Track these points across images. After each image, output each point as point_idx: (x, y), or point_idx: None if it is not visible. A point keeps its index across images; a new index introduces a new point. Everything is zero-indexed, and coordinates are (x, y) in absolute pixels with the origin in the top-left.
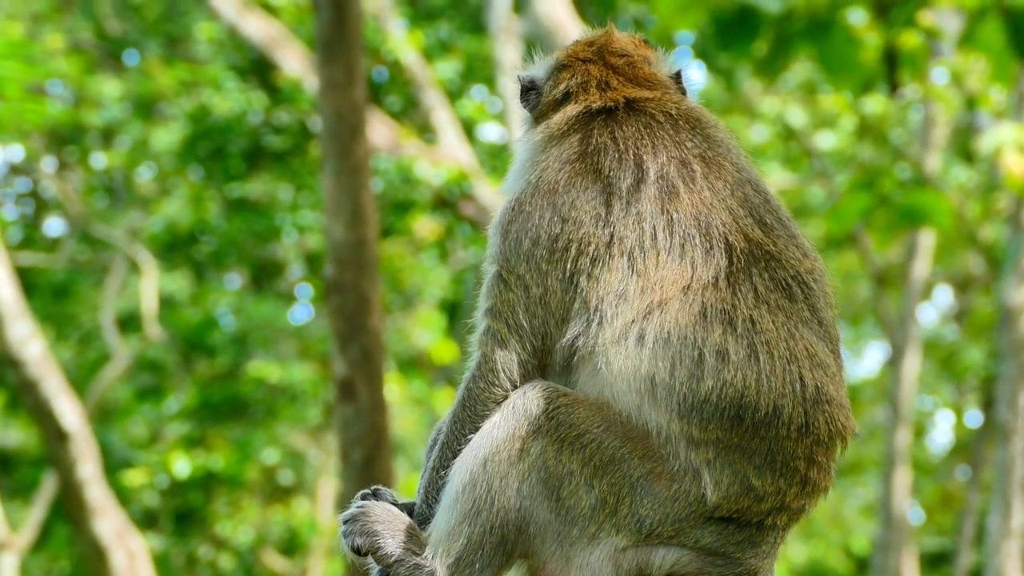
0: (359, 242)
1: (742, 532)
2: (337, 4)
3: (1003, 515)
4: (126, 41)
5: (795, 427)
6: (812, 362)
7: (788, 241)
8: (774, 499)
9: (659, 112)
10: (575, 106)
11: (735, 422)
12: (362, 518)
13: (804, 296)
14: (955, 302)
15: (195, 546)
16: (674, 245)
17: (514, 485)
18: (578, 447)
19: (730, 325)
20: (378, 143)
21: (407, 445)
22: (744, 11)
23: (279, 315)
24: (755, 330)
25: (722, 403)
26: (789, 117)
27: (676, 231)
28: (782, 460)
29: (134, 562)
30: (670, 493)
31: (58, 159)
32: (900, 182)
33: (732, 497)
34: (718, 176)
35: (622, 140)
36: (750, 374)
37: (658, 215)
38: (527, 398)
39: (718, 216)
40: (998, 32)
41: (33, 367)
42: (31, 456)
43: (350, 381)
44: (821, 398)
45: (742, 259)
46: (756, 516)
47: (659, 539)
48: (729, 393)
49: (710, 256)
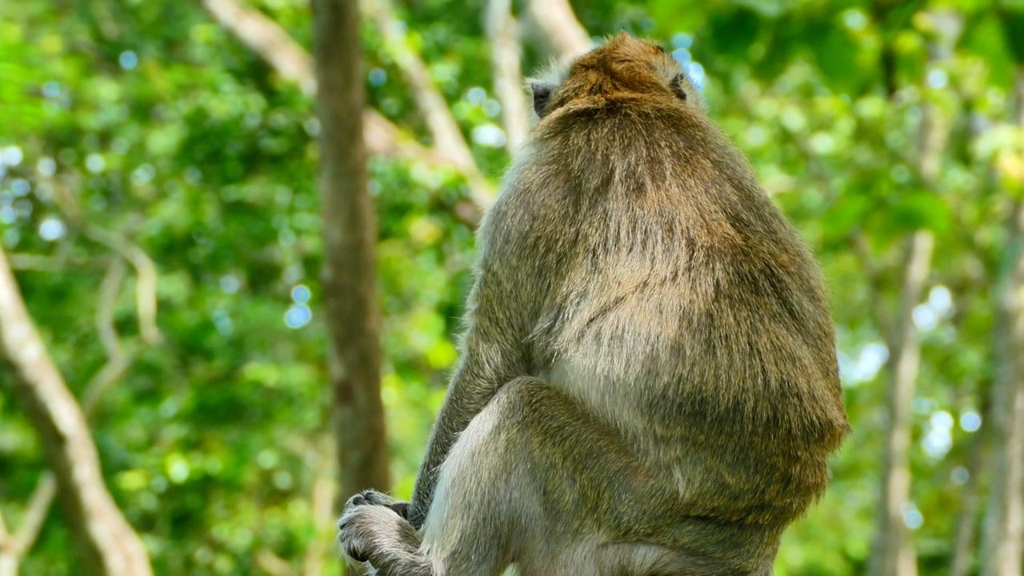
0: (357, 245)
1: (722, 531)
2: (335, 7)
3: (1000, 518)
4: (123, 44)
5: (761, 422)
6: (778, 355)
7: (764, 236)
8: (751, 497)
9: (635, 112)
10: (560, 110)
11: (697, 418)
12: (358, 521)
13: (775, 290)
14: (952, 305)
15: (192, 549)
16: (636, 243)
17: (503, 476)
18: (559, 439)
19: (686, 320)
20: (375, 146)
21: (405, 448)
22: (742, 14)
23: (276, 318)
24: (712, 324)
25: (679, 399)
26: (786, 120)
27: (639, 228)
28: (755, 456)
29: (131, 565)
30: (647, 489)
31: (55, 162)
32: (897, 185)
33: (707, 494)
34: (691, 173)
35: (594, 141)
36: (707, 369)
37: (623, 213)
38: (510, 391)
39: (683, 212)
40: (996, 35)
41: (30, 370)
42: (28, 459)
43: (348, 384)
44: (788, 391)
45: (702, 254)
46: (735, 515)
47: (637, 536)
48: (686, 388)
49: (669, 252)
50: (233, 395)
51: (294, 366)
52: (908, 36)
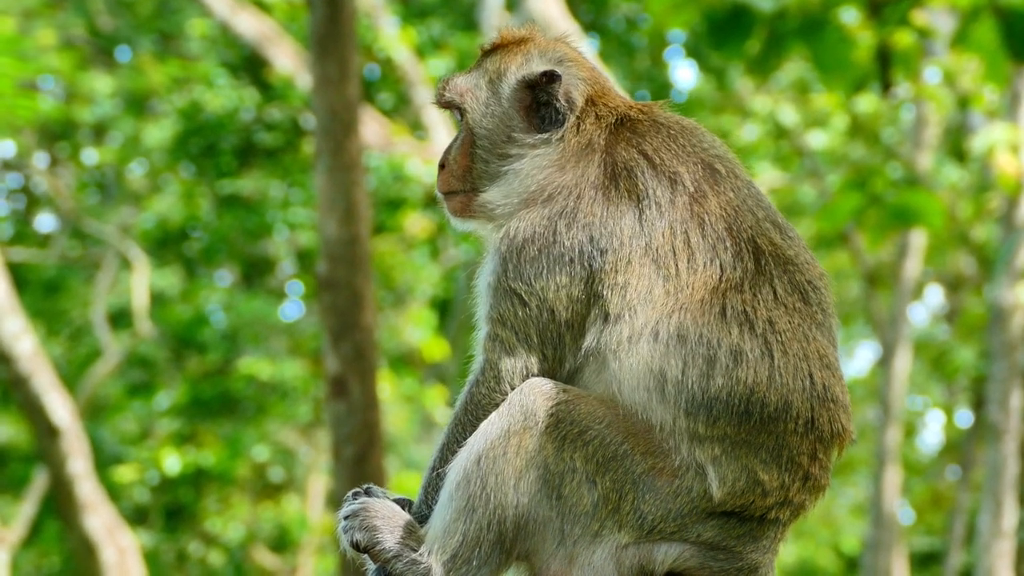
0: (352, 239)
1: (743, 526)
2: (330, 1)
3: (994, 515)
4: (118, 37)
5: (802, 422)
6: (822, 363)
7: (800, 247)
8: (779, 493)
9: (673, 123)
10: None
11: (743, 418)
12: (362, 513)
13: (817, 300)
14: (946, 302)
15: (185, 542)
16: (706, 247)
17: (510, 482)
18: (580, 444)
19: (748, 325)
20: (370, 140)
21: (398, 442)
22: (737, 10)
23: (270, 312)
24: (771, 330)
25: (732, 400)
26: (781, 116)
27: (708, 233)
28: (788, 455)
29: (124, 558)
30: (672, 489)
31: (50, 155)
32: (892, 182)
33: (738, 492)
34: (733, 182)
35: (651, 151)
36: (762, 370)
37: (689, 220)
38: (524, 394)
39: (743, 219)
40: (991, 32)
41: (24, 363)
42: (22, 452)
43: (342, 378)
44: (828, 397)
45: (763, 261)
46: (760, 510)
47: (660, 535)
48: (739, 390)
49: (739, 259)
50: (227, 389)
51: (288, 360)
52: (903, 32)
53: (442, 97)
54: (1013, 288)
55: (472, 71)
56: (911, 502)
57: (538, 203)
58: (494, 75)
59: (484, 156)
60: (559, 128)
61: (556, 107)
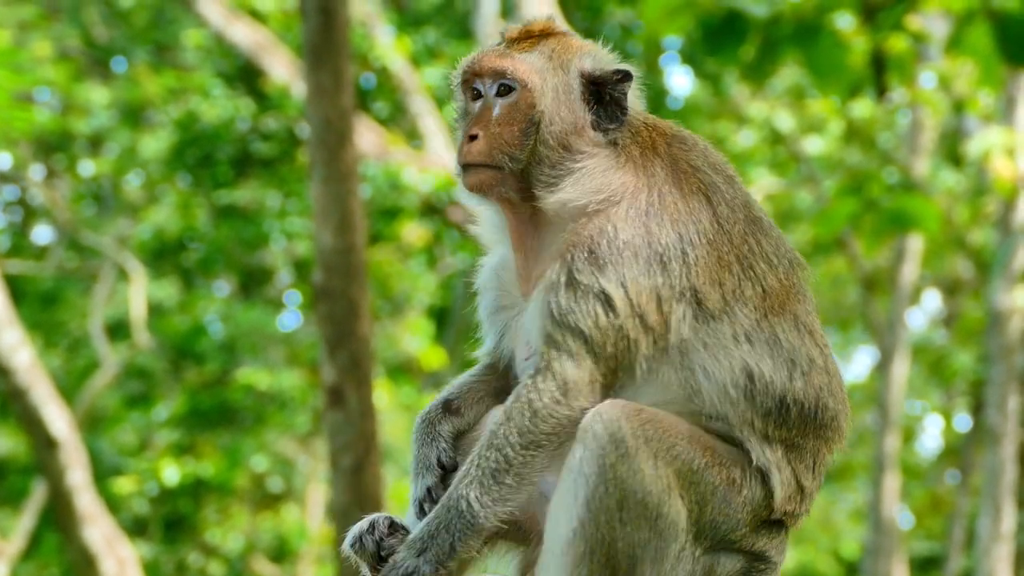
0: (348, 248)
1: (780, 533)
2: (324, 10)
3: (993, 519)
4: (114, 48)
5: (837, 431)
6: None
7: None
8: (808, 501)
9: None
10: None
11: (806, 421)
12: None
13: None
14: (944, 306)
15: (185, 553)
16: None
17: (616, 515)
18: (670, 459)
19: (808, 332)
20: (366, 149)
21: (396, 451)
22: (731, 16)
23: (267, 322)
24: (822, 342)
25: (806, 402)
26: (777, 121)
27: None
28: (821, 461)
29: (124, 569)
30: (741, 499)
31: (46, 167)
32: (888, 186)
33: (786, 498)
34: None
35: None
36: (823, 377)
37: (759, 232)
38: (605, 421)
39: (778, 229)
40: (986, 36)
41: (22, 375)
42: (20, 464)
43: (339, 387)
44: (847, 406)
45: (804, 273)
46: (794, 518)
47: (724, 545)
48: (811, 393)
49: (793, 268)
50: (225, 399)
51: (285, 370)
52: (898, 37)
53: (502, 69)
54: (1010, 292)
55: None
56: (910, 507)
57: (621, 202)
58: (558, 63)
59: (549, 141)
60: (621, 127)
61: (624, 107)
